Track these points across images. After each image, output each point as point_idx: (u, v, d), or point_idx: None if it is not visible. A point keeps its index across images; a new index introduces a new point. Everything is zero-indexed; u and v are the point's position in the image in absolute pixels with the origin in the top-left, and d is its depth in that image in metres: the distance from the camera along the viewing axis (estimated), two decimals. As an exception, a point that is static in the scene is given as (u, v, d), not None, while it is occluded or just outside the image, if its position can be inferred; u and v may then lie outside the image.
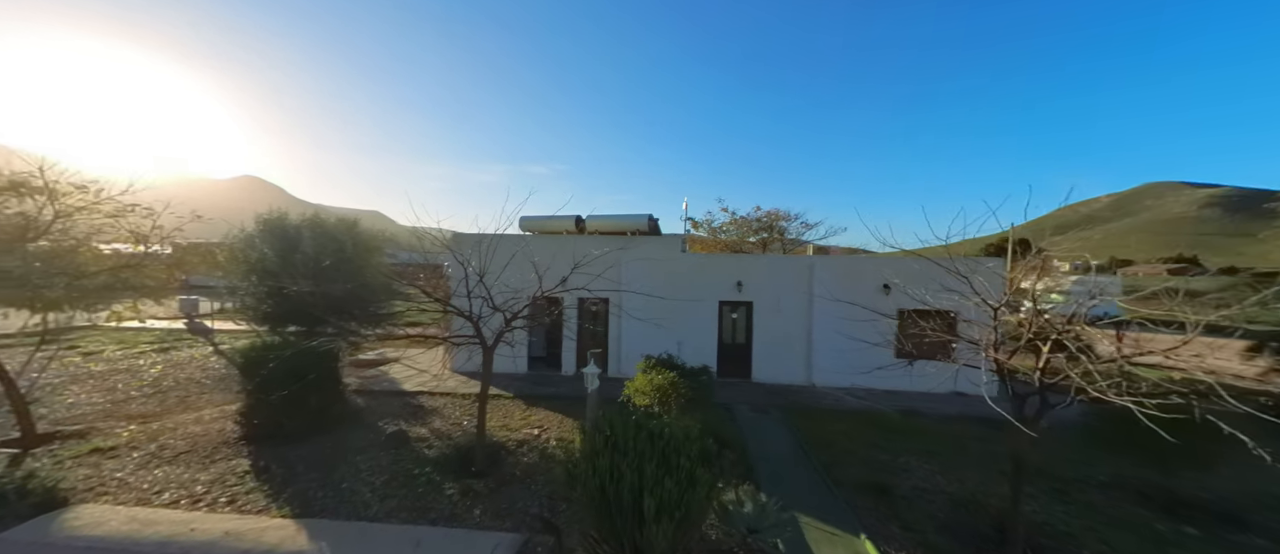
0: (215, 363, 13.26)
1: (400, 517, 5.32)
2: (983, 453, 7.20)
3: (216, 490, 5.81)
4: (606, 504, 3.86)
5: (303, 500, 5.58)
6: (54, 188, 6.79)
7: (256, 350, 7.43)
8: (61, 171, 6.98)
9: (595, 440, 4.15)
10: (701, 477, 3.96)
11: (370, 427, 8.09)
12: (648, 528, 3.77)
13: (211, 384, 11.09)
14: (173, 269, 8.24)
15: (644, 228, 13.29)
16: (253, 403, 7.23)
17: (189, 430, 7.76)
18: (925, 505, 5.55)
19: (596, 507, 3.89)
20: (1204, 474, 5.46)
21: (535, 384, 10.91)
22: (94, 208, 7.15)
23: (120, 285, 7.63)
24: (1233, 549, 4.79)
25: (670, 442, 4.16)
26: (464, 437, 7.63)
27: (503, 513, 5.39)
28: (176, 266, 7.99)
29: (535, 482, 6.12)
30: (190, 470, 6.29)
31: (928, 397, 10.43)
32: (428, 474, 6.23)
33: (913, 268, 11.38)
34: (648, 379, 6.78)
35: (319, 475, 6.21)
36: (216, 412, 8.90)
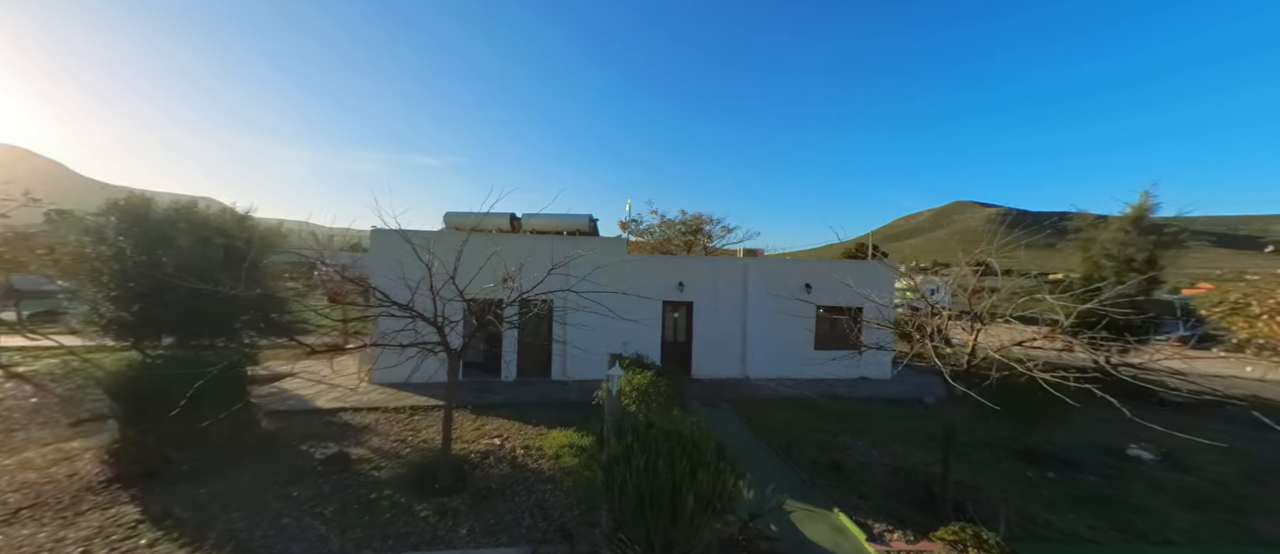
0: (13, 389, 10.16)
1: (372, 547, 4.73)
2: (899, 428, 8.46)
3: (102, 550, 4.58)
4: (641, 503, 3.88)
5: (237, 545, 4.66)
6: None
7: (133, 370, 5.95)
8: None
9: (626, 441, 4.13)
10: (726, 470, 4.16)
11: (290, 451, 6.95)
12: (684, 523, 3.87)
13: (22, 418, 8.51)
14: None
15: (585, 228, 13.12)
16: (132, 435, 5.76)
17: (18, 478, 5.94)
18: (871, 476, 6.39)
19: (632, 507, 3.88)
20: (1051, 431, 7.07)
21: (478, 392, 10.22)
22: None
23: None
24: (1076, 486, 6.33)
25: (691, 440, 4.29)
26: (415, 454, 6.94)
27: (494, 528, 5.07)
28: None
29: (516, 493, 5.82)
30: (49, 529, 4.86)
31: (842, 382, 11.89)
32: (389, 497, 5.58)
33: (827, 270, 12.95)
34: (627, 379, 6.78)
35: (245, 514, 5.22)
36: (50, 451, 6.92)
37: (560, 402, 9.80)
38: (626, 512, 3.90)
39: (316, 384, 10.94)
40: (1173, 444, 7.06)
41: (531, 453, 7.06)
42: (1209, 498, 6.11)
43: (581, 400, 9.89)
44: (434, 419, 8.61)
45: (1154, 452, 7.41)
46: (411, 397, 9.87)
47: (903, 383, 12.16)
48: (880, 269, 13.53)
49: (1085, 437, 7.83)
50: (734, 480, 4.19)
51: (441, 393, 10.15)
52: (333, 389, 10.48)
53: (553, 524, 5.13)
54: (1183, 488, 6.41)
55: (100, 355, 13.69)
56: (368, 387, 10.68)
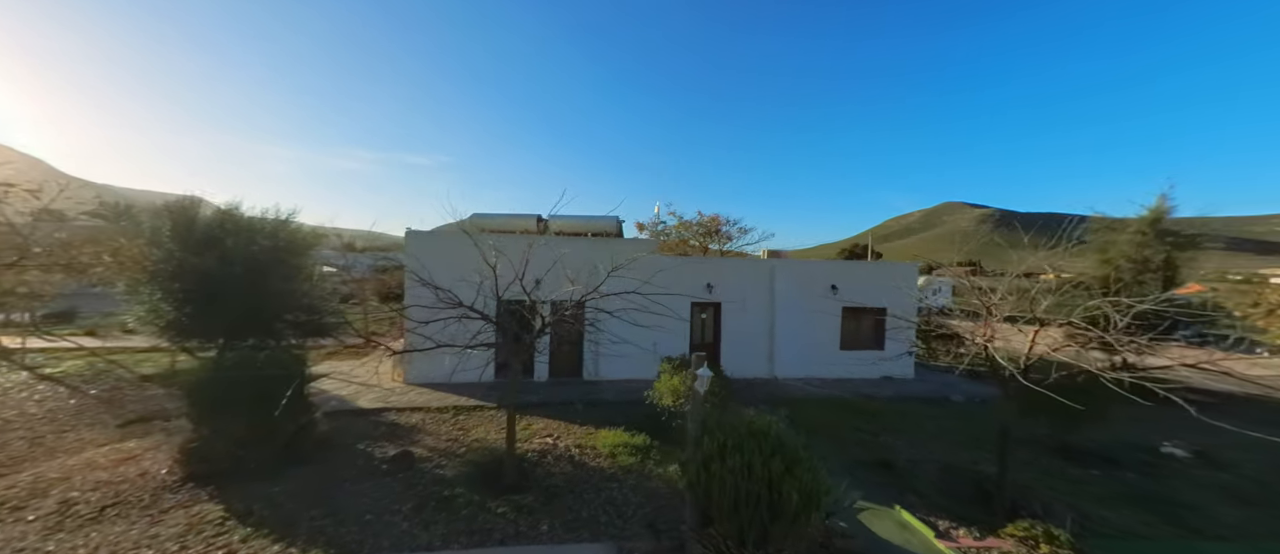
0: (47, 392, 10.10)
1: (459, 543, 4.81)
2: (934, 427, 8.64)
3: (198, 545, 4.64)
4: (737, 500, 3.99)
5: (328, 540, 4.74)
6: None
7: (205, 371, 6.00)
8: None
9: (718, 439, 4.25)
10: (820, 468, 4.28)
11: (348, 451, 7.01)
12: (785, 520, 3.98)
13: (69, 419, 8.50)
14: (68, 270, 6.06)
15: (612, 229, 13.21)
16: (206, 434, 5.80)
17: (90, 477, 5.97)
18: (921, 474, 6.55)
19: (728, 503, 4.00)
20: (1087, 429, 7.27)
21: (521, 393, 10.23)
22: None
23: None
24: (1121, 483, 6.53)
25: (778, 438, 4.41)
26: (473, 452, 7.01)
27: (572, 525, 5.17)
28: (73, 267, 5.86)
29: (584, 490, 5.92)
30: (139, 526, 4.92)
31: (867, 381, 12.07)
32: (462, 495, 5.68)
33: (852, 271, 13.14)
34: (680, 379, 6.90)
35: (325, 511, 5.30)
36: (108, 451, 6.94)
37: (597, 401, 9.90)
38: (722, 508, 4.02)
39: (350, 384, 10.98)
40: (1206, 442, 7.29)
41: (586, 452, 7.16)
42: (1252, 494, 6.32)
43: (618, 400, 10.01)
44: (480, 419, 8.69)
45: (1187, 449, 7.64)
46: (450, 397, 9.93)
47: (927, 382, 12.38)
48: (904, 270, 13.75)
49: (1117, 435, 8.04)
50: (827, 478, 4.32)
51: (478, 393, 10.24)
52: (370, 390, 10.52)
53: (627, 521, 5.24)
54: (1223, 485, 6.62)
55: (124, 356, 13.67)
56: (403, 387, 10.73)
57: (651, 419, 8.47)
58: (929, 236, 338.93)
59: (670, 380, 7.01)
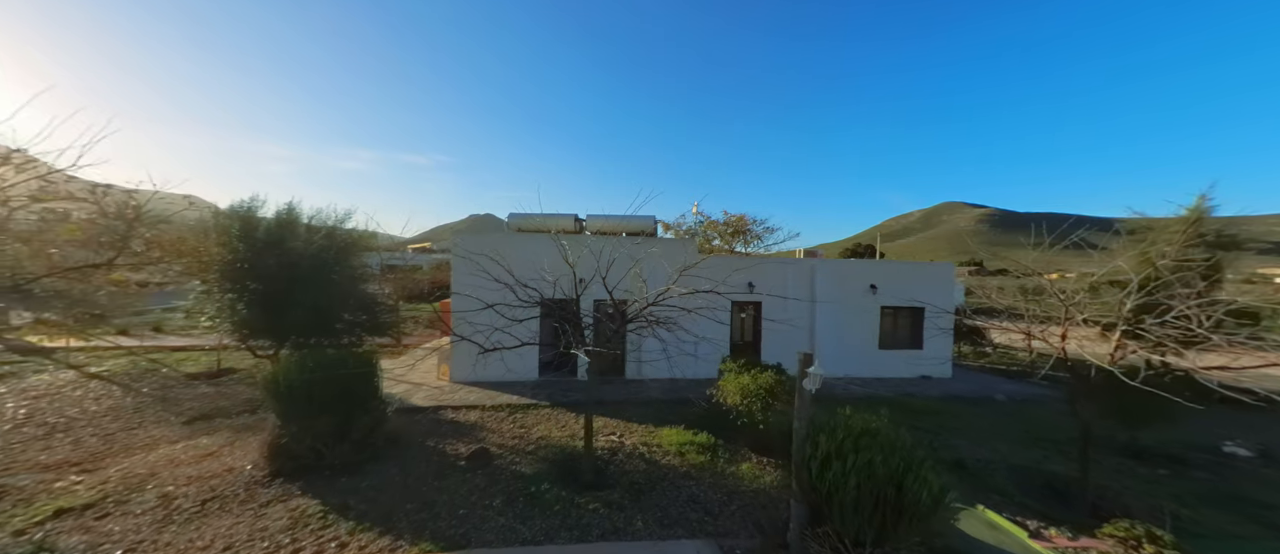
0: (100, 390, 10.12)
1: (562, 537, 4.84)
2: (989, 426, 8.64)
3: (308, 538, 4.67)
4: (858, 499, 3.99)
5: (432, 533, 4.79)
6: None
7: (292, 369, 6.00)
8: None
9: (836, 438, 4.24)
10: (935, 467, 4.28)
11: (418, 448, 7.03)
12: (909, 520, 3.98)
13: (134, 416, 8.50)
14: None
15: (649, 229, 13.21)
16: (294, 430, 5.80)
17: (178, 474, 5.99)
18: (994, 474, 6.54)
19: (850, 502, 4.00)
20: (1147, 428, 7.25)
21: (562, 391, 10.30)
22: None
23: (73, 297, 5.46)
24: (1193, 483, 6.53)
25: (890, 438, 4.40)
26: (542, 450, 7.02)
27: (664, 521, 5.19)
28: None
29: (664, 488, 5.93)
30: (244, 520, 4.96)
31: (905, 380, 12.09)
32: (550, 491, 5.70)
33: (891, 271, 13.14)
34: (751, 378, 6.91)
35: (417, 505, 5.35)
36: (182, 448, 6.97)
37: (647, 400, 9.90)
38: (845, 507, 4.01)
39: (400, 383, 10.96)
40: (1265, 441, 7.28)
41: (653, 449, 7.17)
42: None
43: (665, 399, 10.02)
44: (536, 417, 8.69)
45: (1250, 448, 7.63)
46: (501, 395, 9.93)
47: (966, 381, 12.38)
48: (942, 270, 13.75)
49: (1176, 434, 8.02)
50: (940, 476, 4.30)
51: (526, 391, 10.26)
52: (418, 388, 10.52)
53: (715, 518, 5.26)
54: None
55: (160, 356, 13.68)
56: (450, 385, 10.74)
57: (707, 417, 8.47)
58: (928, 236, 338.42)
59: (737, 379, 7.01)
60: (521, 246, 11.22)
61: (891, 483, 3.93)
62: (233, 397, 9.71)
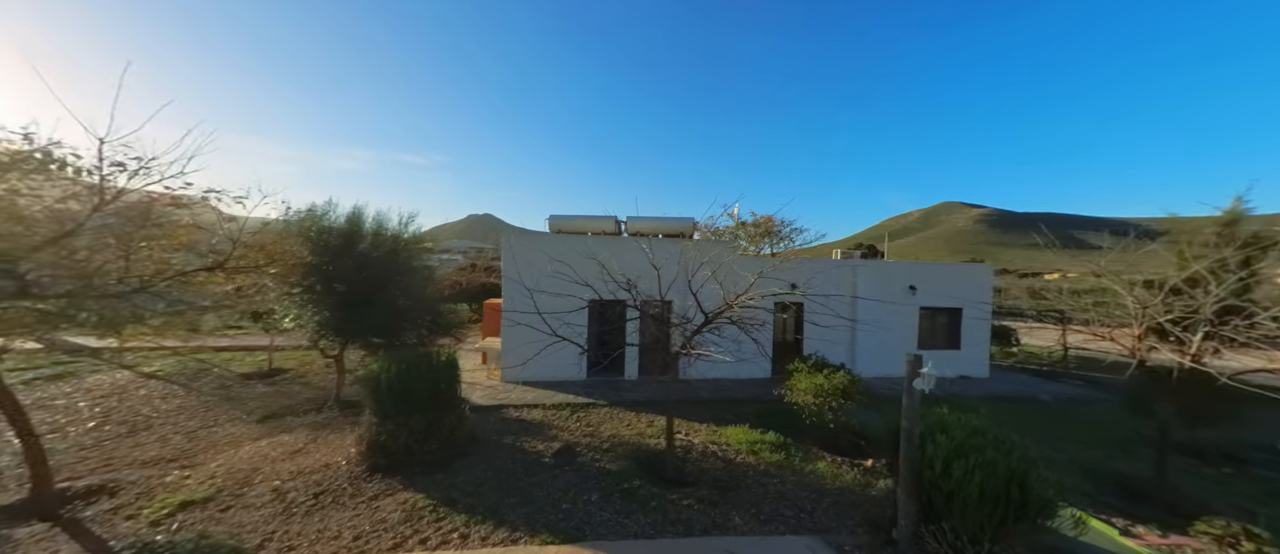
0: (160, 389, 10.22)
1: (670, 532, 4.98)
2: (1045, 426, 8.72)
3: (427, 529, 4.86)
4: (981, 498, 4.08)
5: (547, 526, 4.94)
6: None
7: (388, 369, 6.12)
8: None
9: (955, 437, 4.33)
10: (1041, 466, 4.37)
11: (496, 445, 7.14)
12: (1030, 518, 4.07)
13: (208, 415, 8.60)
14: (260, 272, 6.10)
15: (688, 230, 13.30)
16: (391, 427, 5.91)
17: (278, 469, 6.09)
18: (1067, 473, 6.63)
19: (972, 501, 4.08)
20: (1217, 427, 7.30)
21: (614, 390, 10.41)
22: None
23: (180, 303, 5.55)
24: (1261, 482, 6.62)
25: (1000, 438, 4.49)
26: (618, 447, 7.11)
27: (762, 518, 5.32)
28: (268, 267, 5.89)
29: (749, 485, 6.04)
30: (362, 514, 5.10)
31: (944, 381, 12.08)
32: (642, 487, 5.81)
33: (930, 272, 13.23)
34: (825, 378, 7.02)
35: (518, 500, 5.50)
36: (272, 445, 7.08)
37: (698, 400, 9.94)
38: (969, 504, 4.10)
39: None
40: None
41: (724, 448, 7.27)
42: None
43: (717, 398, 10.12)
44: (600, 415, 8.78)
45: (1306, 448, 7.74)
46: (556, 394, 10.01)
47: (1003, 381, 12.48)
48: (979, 271, 13.85)
49: (1230, 433, 8.11)
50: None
51: (578, 390, 10.36)
52: (473, 387, 10.60)
53: (810, 514, 5.37)
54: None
55: (208, 356, 13.77)
56: (502, 384, 10.82)
57: (766, 416, 8.58)
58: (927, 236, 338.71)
59: (810, 379, 7.11)
60: (559, 248, 11.32)
61: (1015, 481, 4.03)
62: (293, 396, 9.82)
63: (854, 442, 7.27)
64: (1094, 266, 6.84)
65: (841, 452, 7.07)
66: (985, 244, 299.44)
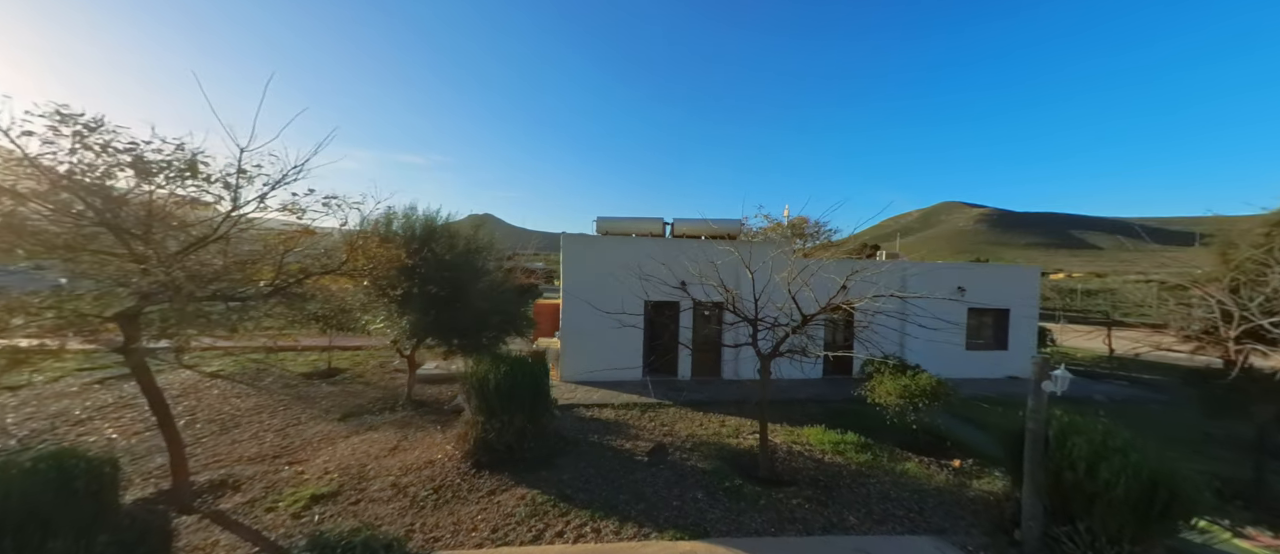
0: (226, 387, 10.32)
1: (791, 530, 5.07)
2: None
3: (558, 522, 4.98)
4: (1126, 500, 4.10)
5: (671, 521, 5.04)
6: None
7: (491, 370, 6.18)
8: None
9: (1096, 441, 4.36)
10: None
11: (587, 444, 7.19)
12: (1171, 518, 4.09)
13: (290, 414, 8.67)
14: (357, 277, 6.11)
15: (735, 231, 13.32)
16: (497, 425, 5.98)
17: (385, 465, 6.17)
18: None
19: (1119, 504, 4.10)
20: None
21: (672, 391, 10.46)
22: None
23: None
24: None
25: (1129, 440, 4.51)
26: (702, 446, 7.19)
27: (877, 517, 5.38)
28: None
29: (848, 485, 6.07)
30: (485, 507, 5.24)
31: (993, 381, 12.19)
32: (746, 486, 5.87)
33: (978, 274, 13.23)
34: (910, 380, 7.05)
35: (629, 496, 5.60)
36: (365, 441, 7.18)
37: (748, 400, 9.87)
38: (1113, 506, 4.12)
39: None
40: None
41: (806, 448, 7.30)
42: None
43: (777, 400, 10.08)
44: (670, 415, 8.82)
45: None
46: (619, 394, 10.05)
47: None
48: (1026, 273, 13.85)
49: None
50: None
51: (636, 389, 10.41)
52: (534, 385, 10.64)
53: (918, 514, 5.39)
54: None
55: (260, 356, 13.81)
56: (563, 384, 10.85)
57: (834, 416, 8.60)
58: (927, 236, 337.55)
59: (895, 381, 7.15)
60: (615, 250, 11.38)
61: (1161, 482, 4.05)
62: (359, 395, 9.89)
63: (935, 442, 7.30)
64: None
65: (922, 452, 7.10)
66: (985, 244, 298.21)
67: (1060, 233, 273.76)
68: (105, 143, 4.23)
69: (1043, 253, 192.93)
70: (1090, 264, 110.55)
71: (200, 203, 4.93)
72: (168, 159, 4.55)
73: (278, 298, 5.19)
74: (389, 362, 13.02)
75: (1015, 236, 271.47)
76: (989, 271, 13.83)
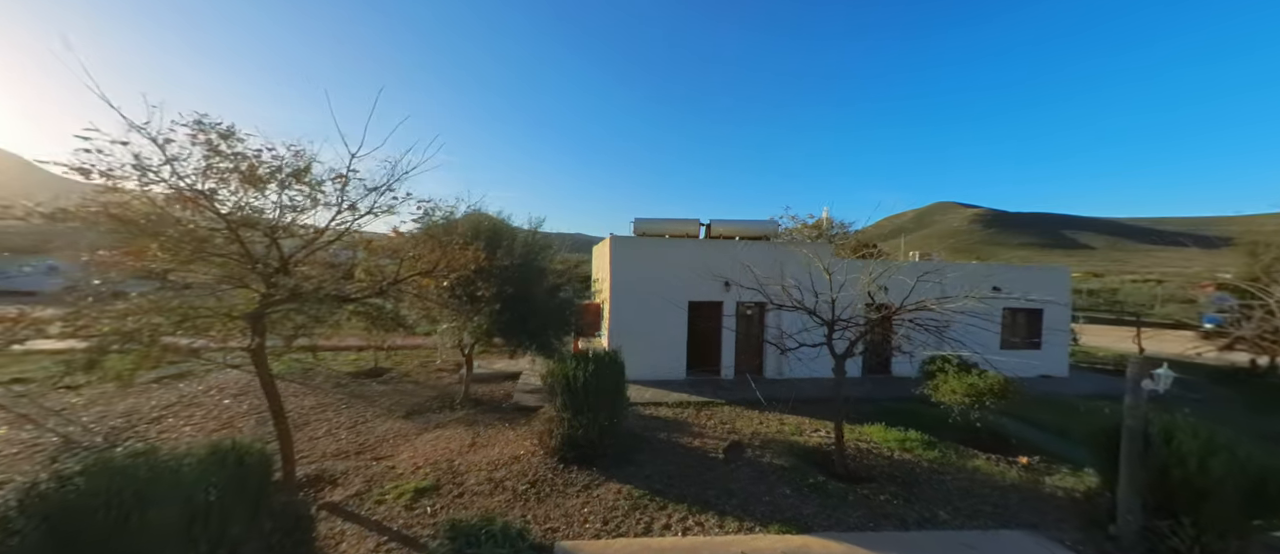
0: (287, 386, 10.28)
1: (883, 526, 5.14)
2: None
3: (660, 516, 5.08)
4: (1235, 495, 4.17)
5: (768, 516, 5.11)
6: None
7: (578, 369, 6.23)
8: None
9: (1202, 437, 4.43)
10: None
11: (658, 441, 7.29)
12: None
13: (346, 411, 8.73)
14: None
15: (771, 232, 13.40)
16: (584, 422, 6.05)
17: (470, 460, 6.22)
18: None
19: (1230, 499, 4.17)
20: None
21: (722, 389, 10.49)
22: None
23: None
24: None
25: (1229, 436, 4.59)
26: (770, 444, 7.26)
27: (966, 512, 5.47)
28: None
29: (928, 482, 6.13)
30: (587, 501, 5.38)
31: (1028, 380, 12.23)
32: (827, 482, 5.96)
33: (1009, 274, 13.33)
34: (977, 378, 7.14)
35: (718, 492, 5.69)
36: (441, 437, 7.25)
37: (804, 398, 9.98)
38: (1222, 502, 4.19)
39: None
40: None
41: (873, 445, 7.37)
42: None
43: (824, 397, 10.18)
44: (728, 414, 8.90)
45: None
46: (669, 393, 10.12)
47: (1082, 381, 12.57)
48: (1058, 273, 13.97)
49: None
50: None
51: (682, 388, 10.46)
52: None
53: (1005, 511, 5.44)
54: None
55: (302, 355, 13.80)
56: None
57: (889, 414, 8.67)
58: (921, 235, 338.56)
59: (961, 380, 7.24)
60: (658, 252, 11.44)
61: (1269, 477, 4.12)
62: (413, 394, 9.95)
63: (998, 440, 7.38)
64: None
65: (986, 449, 7.18)
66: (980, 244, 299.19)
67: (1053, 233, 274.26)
68: (237, 151, 4.27)
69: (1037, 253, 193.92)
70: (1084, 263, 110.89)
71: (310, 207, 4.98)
72: (283, 164, 4.60)
73: (380, 298, 5.24)
74: (430, 361, 13.09)
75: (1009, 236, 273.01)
76: (1021, 271, 13.93)
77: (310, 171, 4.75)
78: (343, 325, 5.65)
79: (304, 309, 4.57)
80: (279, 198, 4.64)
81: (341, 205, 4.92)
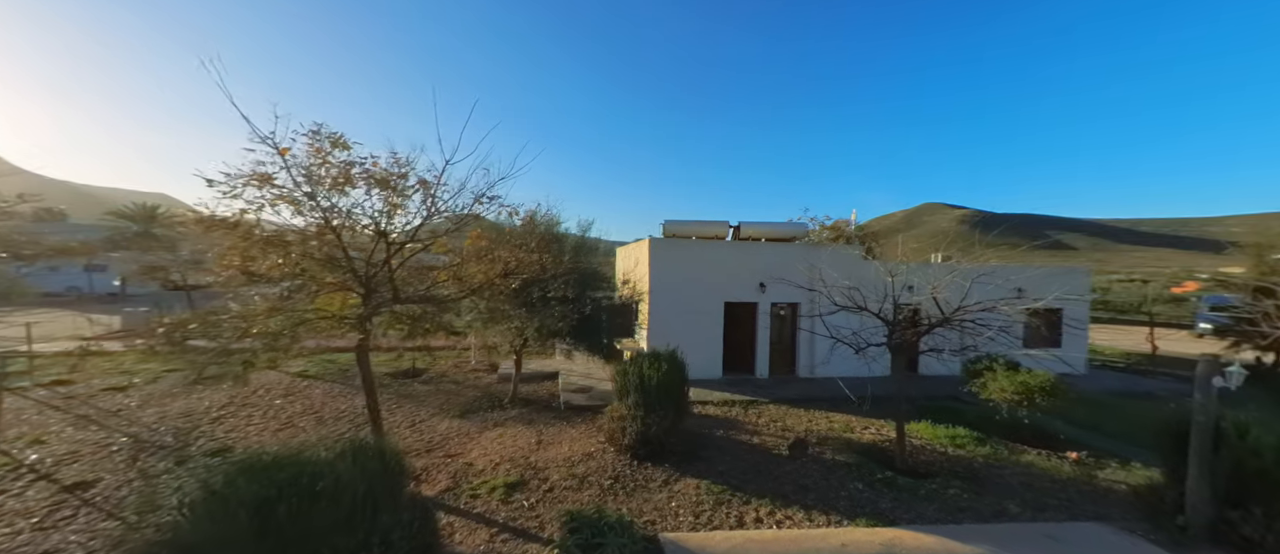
0: (328, 386, 10.34)
1: (963, 519, 5.26)
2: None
3: (746, 511, 5.23)
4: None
5: (852, 509, 5.25)
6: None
7: (651, 369, 6.33)
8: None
9: (1276, 431, 4.60)
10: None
11: (717, 439, 7.39)
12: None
13: (408, 410, 8.74)
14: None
15: (800, 234, 13.54)
16: (655, 420, 6.16)
17: (545, 457, 6.31)
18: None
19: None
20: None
21: (762, 388, 10.62)
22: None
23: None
24: None
25: None
26: (826, 441, 7.39)
27: (1036, 506, 5.60)
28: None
29: (986, 477, 6.27)
30: (672, 495, 5.55)
31: (1051, 380, 12.58)
32: (895, 478, 6.13)
33: (1030, 274, 13.59)
34: (1028, 376, 7.33)
35: (793, 487, 5.85)
36: (504, 435, 7.37)
37: (839, 397, 10.12)
38: None
39: (587, 377, 11.05)
40: None
41: (924, 442, 7.50)
42: None
43: (857, 398, 10.35)
44: (774, 412, 9.03)
45: None
46: (711, 392, 10.20)
47: (1101, 379, 12.86)
48: (1077, 274, 14.26)
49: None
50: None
51: (719, 387, 10.55)
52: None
53: (1064, 506, 5.60)
54: None
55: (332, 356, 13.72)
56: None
57: (928, 411, 8.81)
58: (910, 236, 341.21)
59: (1011, 378, 7.41)
60: (695, 254, 11.54)
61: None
62: (457, 394, 9.99)
63: (1044, 437, 7.56)
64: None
65: (1030, 445, 7.36)
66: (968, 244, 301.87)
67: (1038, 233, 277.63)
68: (349, 159, 4.32)
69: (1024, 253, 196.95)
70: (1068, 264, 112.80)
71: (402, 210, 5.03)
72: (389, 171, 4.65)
73: (468, 299, 5.31)
74: (464, 361, 13.08)
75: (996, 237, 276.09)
76: (1042, 271, 14.21)
77: (407, 179, 4.82)
78: (392, 328, 5.70)
79: (406, 311, 4.64)
80: (383, 204, 4.70)
81: (433, 213, 4.98)
